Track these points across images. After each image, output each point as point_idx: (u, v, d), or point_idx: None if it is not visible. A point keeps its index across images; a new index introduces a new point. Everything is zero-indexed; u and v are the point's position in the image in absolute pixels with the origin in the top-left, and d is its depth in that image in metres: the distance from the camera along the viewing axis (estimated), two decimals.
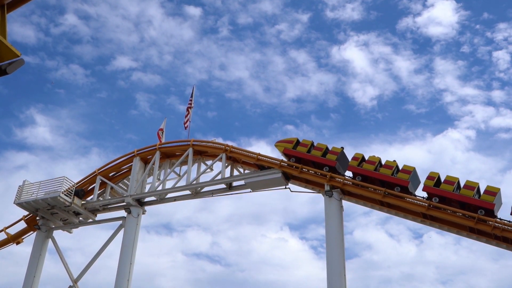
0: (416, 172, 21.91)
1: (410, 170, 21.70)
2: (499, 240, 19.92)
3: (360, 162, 22.70)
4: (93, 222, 29.35)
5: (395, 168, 22.03)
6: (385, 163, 22.40)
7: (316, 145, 24.01)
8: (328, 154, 23.50)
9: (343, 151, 23.64)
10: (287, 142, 24.53)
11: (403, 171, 21.78)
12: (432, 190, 20.87)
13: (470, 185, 20.35)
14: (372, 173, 22.10)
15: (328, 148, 23.79)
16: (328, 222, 22.43)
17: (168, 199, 27.66)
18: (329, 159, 23.27)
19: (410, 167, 21.84)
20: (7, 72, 6.76)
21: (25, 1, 6.92)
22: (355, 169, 22.59)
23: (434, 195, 20.86)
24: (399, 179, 21.60)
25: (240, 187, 25.82)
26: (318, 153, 23.61)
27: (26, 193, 28.24)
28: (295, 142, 24.34)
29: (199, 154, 27.59)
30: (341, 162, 23.46)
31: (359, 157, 22.77)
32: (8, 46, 6.66)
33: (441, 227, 21.20)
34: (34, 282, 27.96)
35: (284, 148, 24.39)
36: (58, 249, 28.89)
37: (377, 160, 22.39)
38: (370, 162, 22.40)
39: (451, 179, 20.80)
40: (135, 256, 26.32)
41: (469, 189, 20.27)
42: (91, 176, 29.16)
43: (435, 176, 21.08)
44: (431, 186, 20.90)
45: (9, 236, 30.20)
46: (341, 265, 21.42)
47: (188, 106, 30.04)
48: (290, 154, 24.24)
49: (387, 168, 22.03)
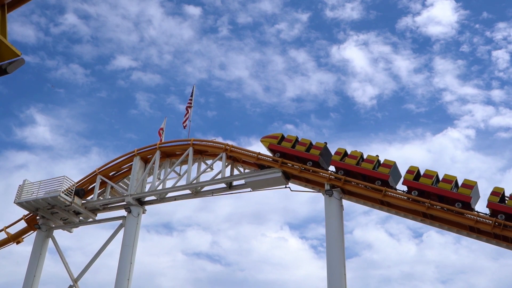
0: (396, 167, 22.26)
1: (390, 165, 22.09)
2: (499, 239, 19.95)
3: (342, 156, 23.10)
4: (93, 221, 29.37)
5: (376, 162, 22.42)
6: (366, 157, 22.80)
7: (300, 141, 24.43)
8: (312, 149, 23.92)
9: (327, 146, 24.09)
10: (272, 138, 24.97)
11: (384, 165, 22.19)
12: (412, 183, 21.21)
13: (448, 179, 20.76)
14: (354, 167, 22.54)
15: (312, 143, 24.20)
16: (328, 221, 22.44)
17: (168, 199, 27.67)
18: (313, 154, 23.68)
19: (391, 162, 22.23)
20: (8, 72, 6.77)
21: (25, 1, 6.92)
22: (338, 163, 22.99)
23: (413, 188, 21.17)
24: (380, 173, 22.01)
25: (240, 186, 25.82)
26: (302, 148, 24.00)
27: (26, 192, 28.24)
28: (280, 138, 24.77)
29: (199, 154, 27.60)
30: (325, 157, 23.86)
31: (342, 152, 23.17)
32: (9, 46, 6.67)
33: (441, 226, 21.22)
34: (34, 281, 27.98)
35: (269, 144, 24.83)
36: (58, 248, 28.90)
37: (359, 155, 22.82)
38: (352, 157, 22.82)
39: (430, 173, 21.18)
40: (135, 256, 26.32)
41: (447, 182, 20.67)
42: (91, 176, 29.17)
43: (414, 170, 21.42)
44: (410, 180, 21.26)
45: (9, 235, 30.20)
46: (341, 264, 21.43)
47: (188, 106, 30.03)
48: (275, 149, 24.61)
49: (368, 162, 22.46)
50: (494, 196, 19.91)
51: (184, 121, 29.41)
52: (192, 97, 30.44)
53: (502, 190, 19.96)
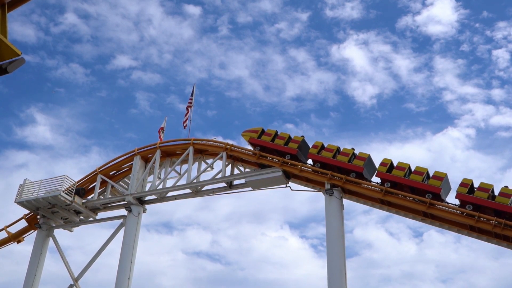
0: (371, 159, 22.88)
1: (365, 157, 22.73)
2: (500, 239, 19.95)
3: (319, 150, 23.64)
4: (94, 220, 29.38)
5: (352, 155, 23.00)
6: (342, 150, 23.38)
7: (279, 134, 24.97)
8: (290, 142, 24.45)
9: (304, 139, 24.64)
10: (253, 132, 25.58)
11: (358, 158, 22.81)
12: (385, 175, 21.84)
13: (419, 171, 21.34)
14: (330, 160, 23.15)
15: (291, 137, 24.73)
16: (328, 220, 22.44)
17: (168, 198, 27.68)
18: (291, 147, 24.25)
19: (365, 154, 22.87)
20: (8, 71, 6.77)
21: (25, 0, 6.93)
22: (315, 156, 23.57)
23: (386, 180, 21.79)
24: (354, 165, 22.61)
25: (241, 185, 25.83)
26: (281, 141, 24.56)
27: (27, 191, 28.26)
28: (260, 132, 25.36)
29: (199, 153, 27.59)
30: (303, 151, 24.41)
31: (319, 145, 23.78)
32: (9, 45, 6.67)
33: (442, 225, 21.23)
34: (34, 280, 27.99)
35: (249, 137, 25.45)
36: (59, 247, 28.91)
37: (335, 148, 23.43)
38: (329, 150, 23.46)
39: (402, 165, 21.77)
40: (135, 255, 26.34)
41: (419, 174, 21.24)
42: (91, 175, 29.18)
43: (387, 162, 22.06)
44: (384, 172, 21.90)
45: (9, 234, 30.23)
46: (342, 264, 21.43)
47: (188, 105, 30.04)
48: (255, 143, 25.18)
49: (344, 155, 23.08)
50: (462, 187, 20.52)
51: (185, 121, 29.43)
52: (193, 97, 30.45)
53: (470, 182, 20.60)
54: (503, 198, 19.85)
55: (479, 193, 20.20)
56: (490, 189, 20.28)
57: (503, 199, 19.82)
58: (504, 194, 19.91)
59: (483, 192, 20.20)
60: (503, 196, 19.90)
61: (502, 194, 19.97)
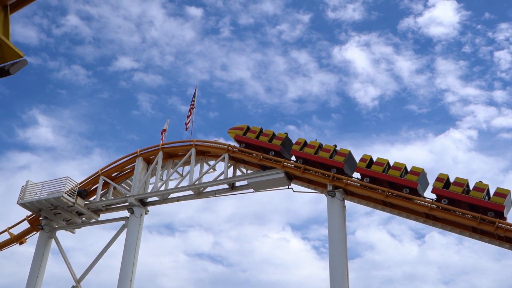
0: (352, 155, 23.53)
1: (345, 153, 23.33)
2: (502, 240, 19.92)
3: (302, 147, 24.15)
4: (96, 222, 29.41)
5: (333, 151, 23.58)
6: (324, 146, 23.96)
7: (264, 131, 25.55)
8: (274, 139, 25.07)
9: (288, 136, 25.29)
10: (238, 129, 26.11)
11: (339, 154, 23.41)
12: (364, 171, 22.40)
13: (397, 166, 21.95)
14: (312, 156, 23.68)
15: (275, 134, 25.33)
16: (330, 222, 22.43)
17: (171, 199, 27.69)
18: (275, 144, 24.88)
19: (345, 150, 23.46)
20: (10, 73, 6.78)
21: (28, 2, 6.94)
22: (297, 152, 24.11)
23: (365, 175, 22.40)
24: (335, 161, 23.20)
25: (243, 187, 25.83)
26: (265, 138, 25.19)
27: (29, 193, 28.30)
28: (245, 129, 25.91)
29: (201, 154, 27.61)
30: (286, 147, 24.98)
31: (301, 142, 24.31)
32: (11, 47, 6.67)
33: (444, 227, 21.19)
34: (37, 282, 28.02)
35: (235, 135, 25.99)
36: (61, 249, 28.95)
37: (317, 145, 23.96)
38: (311, 146, 23.98)
39: (381, 161, 22.35)
40: (138, 256, 26.35)
41: (397, 169, 21.86)
42: (94, 176, 29.22)
43: (367, 158, 22.61)
44: (363, 167, 22.48)
45: (12, 236, 30.29)
46: (344, 265, 21.42)
47: (191, 107, 30.09)
48: (241, 140, 25.77)
49: (325, 151, 23.64)
50: (438, 182, 20.98)
51: (187, 123, 29.47)
52: (195, 98, 30.48)
53: (446, 177, 21.03)
54: (477, 192, 20.23)
55: (454, 188, 20.64)
56: (465, 183, 20.64)
57: (477, 193, 20.23)
58: (478, 189, 20.31)
59: (458, 187, 20.61)
60: (477, 190, 20.29)
61: (476, 188, 20.36)
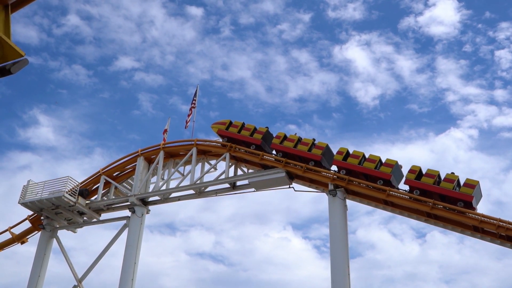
0: (329, 148, 24.27)
1: (323, 147, 24.07)
2: (504, 239, 19.90)
3: (282, 140, 24.81)
4: (97, 221, 29.42)
5: (311, 145, 24.24)
6: (303, 140, 24.60)
7: (245, 126, 26.27)
8: (255, 133, 25.79)
9: (268, 130, 26.02)
10: (221, 124, 26.89)
11: (317, 147, 24.14)
12: (341, 163, 23.09)
13: (372, 159, 22.65)
14: (291, 149, 24.33)
15: (256, 128, 26.02)
16: (332, 221, 22.41)
17: (172, 199, 27.69)
18: (256, 138, 25.64)
19: (323, 144, 24.24)
20: (12, 72, 6.78)
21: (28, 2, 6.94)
22: (277, 146, 24.78)
23: (342, 168, 23.08)
24: (313, 154, 23.89)
25: (244, 186, 25.82)
26: (247, 133, 25.93)
27: (30, 193, 28.31)
28: (228, 124, 26.64)
29: (203, 154, 27.60)
30: (267, 141, 25.68)
31: (281, 136, 24.99)
32: (12, 46, 6.68)
33: (445, 226, 21.21)
34: (38, 281, 28.04)
35: (218, 129, 26.75)
36: (63, 248, 28.95)
37: (296, 138, 24.64)
38: (290, 140, 24.67)
39: (357, 154, 23.00)
40: (139, 256, 26.34)
41: (371, 162, 22.54)
42: (95, 176, 29.22)
43: (343, 151, 23.30)
44: (340, 160, 23.13)
45: (14, 235, 30.30)
46: (345, 265, 21.41)
47: (192, 106, 30.08)
48: (223, 135, 26.51)
49: (304, 145, 24.33)
50: (411, 173, 21.67)
51: (188, 121, 29.47)
52: (196, 98, 30.47)
53: (418, 168, 21.65)
54: (447, 183, 20.79)
55: (426, 179, 21.22)
56: (436, 175, 21.17)
57: (447, 184, 20.79)
58: (448, 180, 20.88)
59: (429, 178, 21.18)
60: (447, 181, 20.86)
61: (446, 179, 20.95)
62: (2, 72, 6.78)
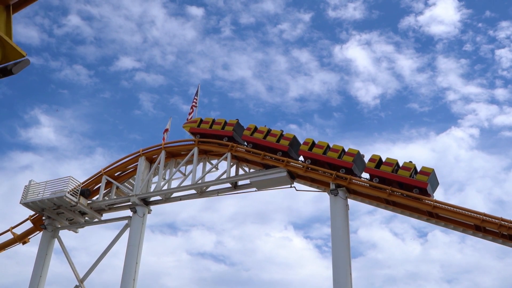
0: (296, 139, 24.97)
1: (290, 137, 24.70)
2: (505, 238, 19.88)
3: (252, 132, 25.59)
4: (99, 221, 29.42)
5: (280, 136, 24.94)
6: (272, 131, 25.22)
7: (216, 121, 27.14)
8: (226, 126, 26.63)
9: (239, 122, 26.69)
10: (192, 122, 28.02)
11: (284, 138, 24.84)
12: (306, 153, 23.83)
13: (335, 148, 23.40)
14: (260, 141, 25.16)
15: (226, 121, 26.83)
16: (333, 220, 22.38)
17: (173, 199, 27.68)
18: (227, 130, 26.50)
19: (290, 135, 24.88)
20: (13, 72, 6.78)
21: (30, 2, 6.95)
22: (248, 137, 25.61)
23: (307, 157, 23.82)
24: (281, 145, 24.57)
25: (246, 186, 25.81)
26: (218, 127, 26.81)
27: (32, 193, 28.32)
28: (199, 121, 27.69)
29: (204, 153, 27.60)
30: (238, 133, 26.40)
31: (252, 128, 25.75)
32: (14, 46, 6.68)
33: (447, 225, 21.18)
34: (40, 281, 28.05)
35: (189, 128, 27.74)
36: (64, 248, 28.97)
37: (266, 130, 25.38)
38: (260, 132, 25.44)
39: (321, 144, 23.71)
40: (141, 256, 26.35)
41: (335, 151, 23.32)
42: (96, 176, 29.23)
43: (309, 141, 24.01)
44: (305, 150, 23.86)
45: (15, 236, 30.31)
46: (347, 264, 21.38)
47: (193, 104, 30.10)
48: (196, 132, 27.45)
49: (272, 136, 24.99)
50: (371, 162, 22.38)
51: (188, 119, 29.47)
52: (197, 97, 30.48)
53: (378, 157, 22.35)
54: (404, 171, 21.57)
55: (384, 167, 21.95)
56: (395, 163, 21.90)
57: (404, 172, 21.56)
58: (405, 168, 21.65)
59: (388, 166, 21.92)
60: (404, 169, 21.64)
61: (404, 167, 21.71)
62: (3, 73, 6.78)
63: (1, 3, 6.66)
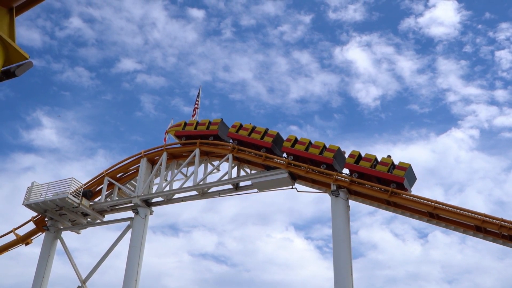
0: (280, 136, 25.53)
1: (274, 134, 25.38)
2: (506, 239, 19.93)
3: (238, 129, 26.20)
4: (101, 222, 29.51)
5: (264, 133, 25.56)
6: (256, 129, 25.81)
7: (200, 122, 27.85)
8: (210, 126, 27.33)
9: (223, 121, 27.37)
10: (176, 126, 28.52)
11: (268, 135, 25.44)
12: (288, 150, 24.32)
13: (317, 145, 23.98)
14: (245, 138, 25.77)
15: (210, 121, 27.55)
16: (334, 221, 22.44)
17: (175, 200, 27.75)
18: (212, 129, 27.17)
19: (274, 132, 25.49)
20: (16, 75, 6.87)
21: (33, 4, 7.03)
22: (233, 135, 26.22)
23: (290, 154, 24.29)
24: (265, 141, 25.23)
25: (247, 187, 25.89)
26: (203, 127, 27.45)
27: (34, 194, 28.43)
28: (183, 124, 28.22)
29: (205, 155, 27.70)
30: (223, 131, 27.10)
31: (237, 125, 26.37)
32: (17, 49, 6.76)
33: (447, 226, 21.22)
34: (43, 282, 28.13)
35: (175, 131, 28.29)
36: (67, 249, 29.06)
37: (251, 127, 25.97)
38: (245, 129, 26.04)
39: (303, 141, 24.26)
40: (143, 257, 26.43)
41: (316, 148, 23.86)
42: (98, 177, 29.33)
43: (292, 138, 24.56)
44: (288, 146, 24.36)
45: (18, 237, 30.42)
46: (348, 265, 21.43)
47: (195, 106, 30.25)
48: (181, 135, 28.08)
49: (257, 133, 25.66)
50: (350, 158, 22.95)
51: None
52: (199, 99, 30.59)
53: (357, 153, 22.88)
54: (382, 166, 22.12)
55: (363, 163, 22.49)
56: (373, 159, 22.45)
57: (382, 167, 22.12)
58: (383, 163, 22.22)
59: (367, 162, 22.46)
60: (382, 164, 22.19)
61: (382, 163, 22.28)
62: (7, 75, 6.87)
63: (4, 5, 6.75)
